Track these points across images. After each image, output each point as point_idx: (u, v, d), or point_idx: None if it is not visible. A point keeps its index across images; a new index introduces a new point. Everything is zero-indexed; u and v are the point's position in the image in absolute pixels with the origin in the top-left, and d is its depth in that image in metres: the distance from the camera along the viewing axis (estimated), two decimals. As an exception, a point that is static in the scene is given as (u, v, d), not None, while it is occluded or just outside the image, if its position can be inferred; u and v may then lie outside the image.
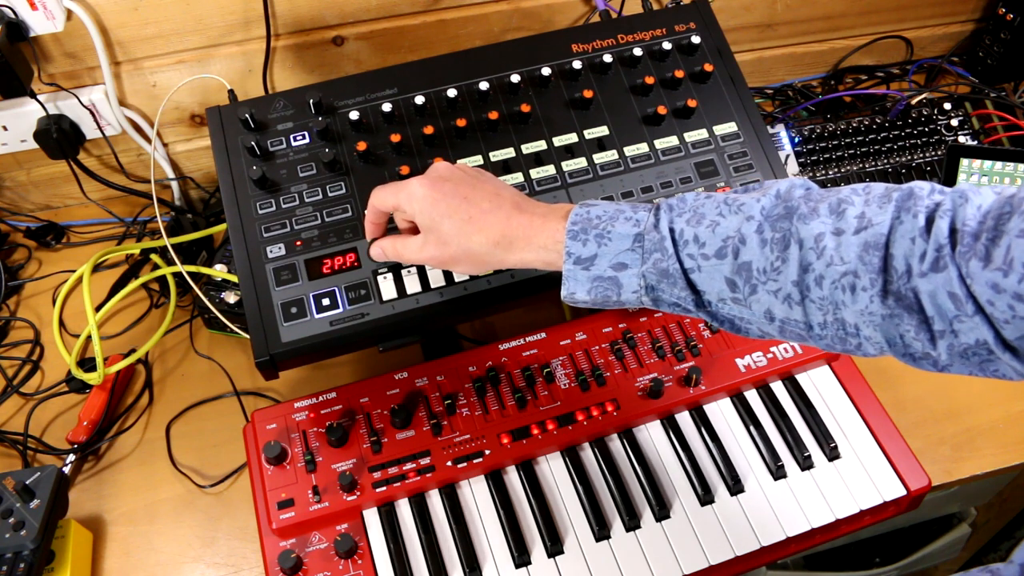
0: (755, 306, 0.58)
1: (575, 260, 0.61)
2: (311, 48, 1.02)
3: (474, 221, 0.65)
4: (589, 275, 0.61)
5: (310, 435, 0.81)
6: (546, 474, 0.82)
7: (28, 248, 1.10)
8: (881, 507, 0.81)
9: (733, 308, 0.59)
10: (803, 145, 1.08)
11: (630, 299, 0.61)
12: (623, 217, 0.61)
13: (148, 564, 0.84)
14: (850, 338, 0.56)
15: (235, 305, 0.95)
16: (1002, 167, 0.98)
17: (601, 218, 0.62)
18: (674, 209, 0.60)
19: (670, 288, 0.60)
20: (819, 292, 0.55)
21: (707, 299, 0.60)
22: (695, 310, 0.60)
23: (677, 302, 0.60)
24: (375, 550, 0.77)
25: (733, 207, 0.59)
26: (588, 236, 0.61)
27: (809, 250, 0.55)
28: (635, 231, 0.60)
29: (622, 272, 0.60)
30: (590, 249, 0.61)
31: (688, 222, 0.59)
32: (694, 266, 0.58)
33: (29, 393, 0.96)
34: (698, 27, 0.91)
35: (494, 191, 0.67)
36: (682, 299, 0.60)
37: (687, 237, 0.59)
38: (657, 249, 0.59)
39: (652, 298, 0.61)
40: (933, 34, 1.27)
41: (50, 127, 0.98)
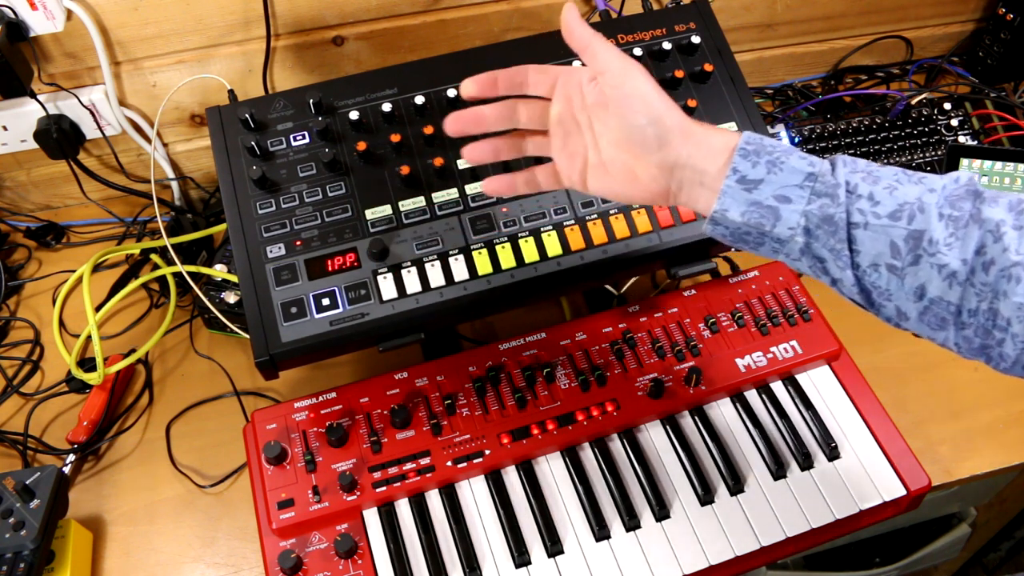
0: (909, 279, 0.57)
1: (739, 178, 0.59)
2: (311, 48, 1.02)
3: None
4: (749, 198, 0.59)
5: (310, 435, 0.81)
6: (546, 474, 0.82)
7: (28, 248, 1.10)
8: (881, 507, 0.81)
9: (883, 276, 0.58)
10: (803, 145, 1.08)
11: (782, 233, 0.59)
12: (798, 155, 0.59)
13: (148, 564, 0.84)
14: (996, 331, 0.55)
15: (235, 305, 0.95)
16: (1002, 167, 0.98)
17: (775, 148, 0.59)
18: (848, 164, 0.59)
19: (827, 237, 0.58)
20: (984, 277, 0.54)
21: (859, 260, 0.58)
22: (841, 268, 0.59)
23: (825, 256, 0.59)
24: (375, 550, 0.77)
25: (913, 178, 0.58)
26: (760, 159, 0.59)
27: (988, 232, 0.54)
28: (809, 169, 0.58)
29: (785, 204, 0.58)
30: (758, 172, 0.59)
31: (863, 179, 0.58)
32: (861, 221, 0.57)
33: (29, 393, 0.96)
34: (698, 27, 0.91)
35: None
36: (834, 252, 0.58)
37: (861, 192, 0.57)
38: (828, 194, 0.58)
39: (804, 241, 0.59)
40: (933, 34, 1.27)
41: (50, 127, 0.98)
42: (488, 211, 0.82)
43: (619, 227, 0.82)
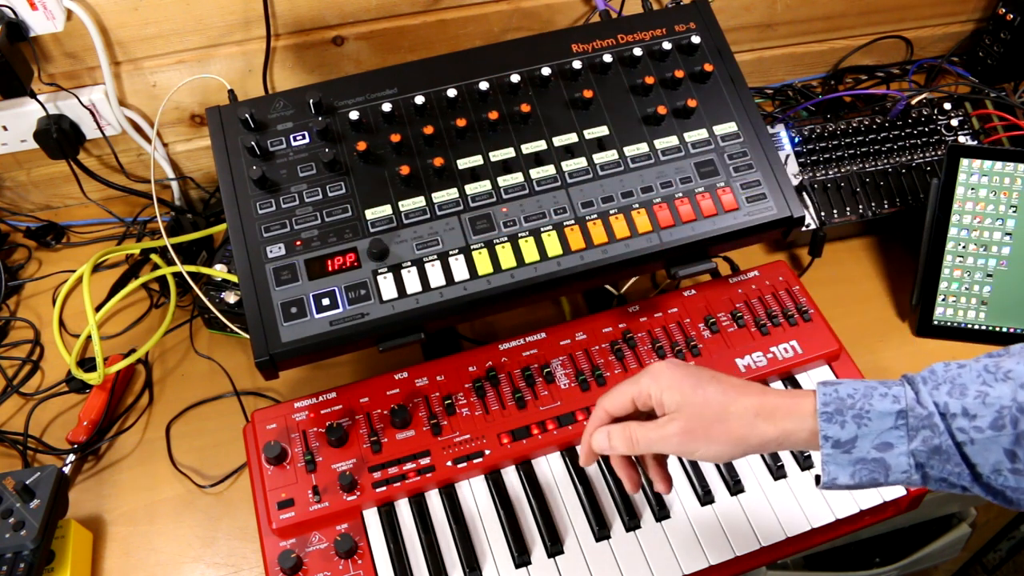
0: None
1: (833, 444, 0.58)
2: (311, 48, 1.02)
3: (729, 392, 0.62)
4: (851, 458, 0.58)
5: (310, 435, 0.81)
6: (546, 474, 0.82)
7: (28, 248, 1.10)
8: (881, 507, 0.81)
9: (1010, 479, 0.56)
10: (803, 145, 1.08)
11: (898, 479, 0.58)
12: (877, 394, 0.58)
13: (148, 564, 0.84)
14: None
15: (235, 305, 0.95)
16: (1002, 167, 0.98)
17: (854, 396, 0.58)
18: (928, 382, 0.57)
19: (941, 464, 0.56)
20: None
21: (980, 471, 0.56)
22: (970, 484, 0.57)
23: (947, 478, 0.57)
24: (375, 550, 0.77)
25: (998, 374, 0.56)
26: (845, 417, 0.58)
27: None
28: (896, 408, 0.57)
29: (887, 452, 0.57)
30: (849, 431, 0.58)
31: (950, 394, 0.56)
32: (966, 439, 0.55)
33: (29, 393, 0.96)
34: (698, 27, 0.91)
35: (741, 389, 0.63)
36: (955, 475, 0.57)
37: (954, 410, 0.55)
38: (925, 426, 0.56)
39: (921, 475, 0.57)
40: (933, 34, 1.27)
41: (50, 127, 0.98)
42: (488, 211, 0.82)
43: (619, 227, 0.82)
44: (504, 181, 0.83)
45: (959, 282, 0.99)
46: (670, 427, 0.62)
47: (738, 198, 0.84)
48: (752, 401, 0.61)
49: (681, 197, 0.84)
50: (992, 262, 0.98)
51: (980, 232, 0.98)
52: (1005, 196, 0.98)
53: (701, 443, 0.62)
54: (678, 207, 0.83)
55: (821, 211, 1.06)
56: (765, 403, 0.61)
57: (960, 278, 0.99)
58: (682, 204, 0.83)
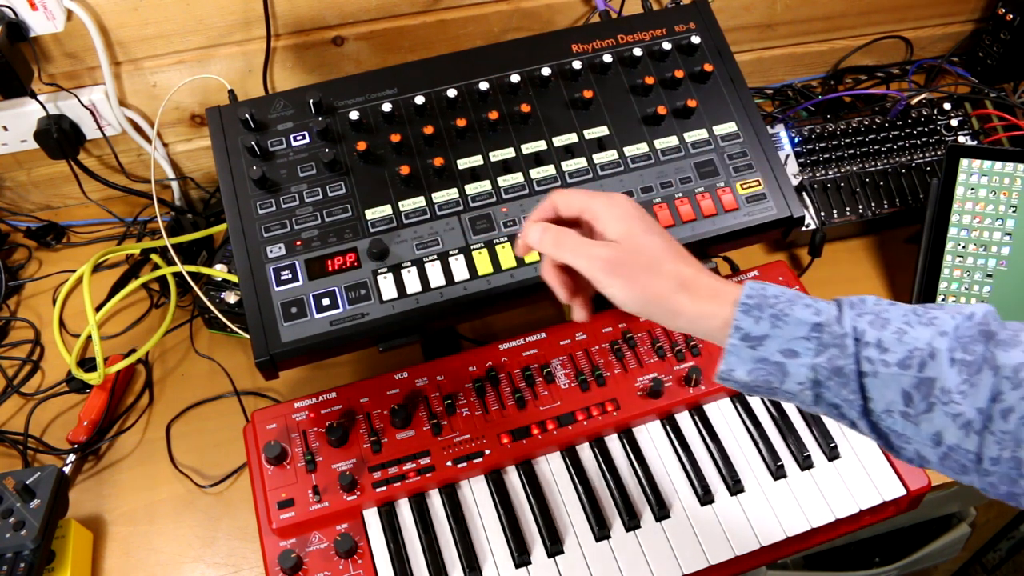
0: (925, 425, 0.54)
1: (743, 336, 0.57)
2: (311, 48, 1.02)
3: (670, 252, 0.61)
4: (755, 355, 0.57)
5: (310, 435, 0.81)
6: (546, 474, 0.82)
7: (28, 248, 1.10)
8: (881, 507, 0.81)
9: (898, 422, 0.55)
10: (803, 145, 1.08)
11: (791, 389, 0.57)
12: (802, 303, 0.57)
13: (148, 564, 0.84)
14: (1022, 480, 0.52)
15: (235, 305, 0.95)
16: (1002, 167, 0.98)
17: (779, 298, 0.58)
18: (855, 307, 0.57)
19: (838, 388, 0.56)
20: (1003, 425, 0.51)
21: (872, 407, 0.56)
22: (856, 416, 0.57)
23: (839, 403, 0.57)
24: (375, 550, 0.77)
25: (924, 318, 0.55)
26: (762, 314, 0.57)
27: (1004, 379, 0.51)
28: (815, 319, 0.56)
29: (792, 360, 0.56)
30: (762, 328, 0.57)
31: (871, 324, 0.56)
32: (871, 371, 0.55)
33: (29, 393, 0.96)
34: (698, 27, 0.91)
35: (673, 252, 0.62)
36: (847, 402, 0.56)
37: (869, 339, 0.55)
38: (836, 344, 0.55)
39: (815, 393, 0.57)
40: (933, 34, 1.27)
41: (50, 127, 0.98)
42: (488, 211, 0.82)
43: (619, 227, 0.82)
44: (504, 181, 0.83)
45: (959, 282, 0.99)
46: (600, 250, 0.61)
47: (738, 198, 0.84)
48: (686, 271, 0.60)
49: (681, 197, 0.84)
50: (992, 262, 0.98)
51: (980, 232, 0.98)
52: (1005, 196, 0.98)
53: (619, 281, 0.61)
54: (678, 207, 0.83)
55: (821, 211, 1.06)
56: (697, 279, 0.60)
57: (960, 278, 0.99)
58: (682, 204, 0.83)
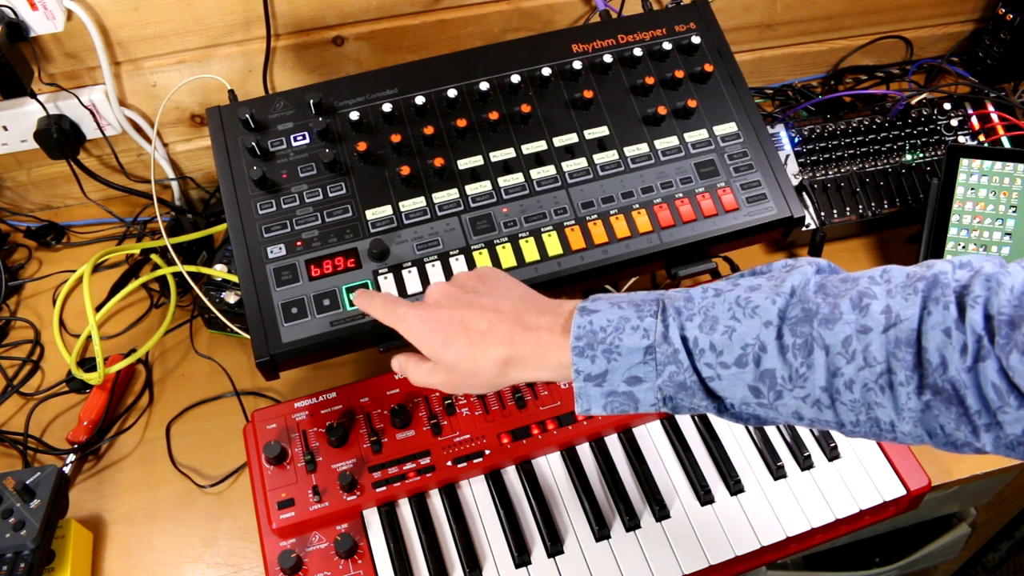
0: (782, 409, 0.55)
1: (585, 377, 0.58)
2: (311, 48, 1.02)
3: (475, 345, 0.62)
4: (602, 391, 0.58)
5: (310, 435, 0.81)
6: (546, 474, 0.82)
7: (28, 248, 1.10)
8: (881, 507, 0.81)
9: (757, 410, 0.57)
10: (803, 145, 1.08)
11: (647, 409, 0.58)
12: (629, 327, 0.57)
13: (148, 564, 0.84)
14: (885, 433, 0.53)
15: (235, 305, 0.95)
16: (1002, 167, 0.98)
17: (606, 330, 0.58)
18: (683, 313, 0.57)
19: (689, 398, 0.57)
20: (850, 395, 0.52)
21: (729, 403, 0.57)
22: (716, 414, 0.58)
23: (696, 407, 0.58)
24: (375, 550, 0.77)
25: (747, 309, 0.55)
26: (596, 352, 0.57)
27: (837, 355, 0.52)
28: (645, 343, 0.56)
29: (636, 387, 0.57)
30: (599, 366, 0.57)
31: (701, 328, 0.56)
32: (713, 375, 0.55)
33: (29, 393, 0.96)
34: (698, 27, 0.91)
35: (493, 306, 0.63)
36: (703, 406, 0.57)
37: (702, 346, 0.55)
38: (671, 362, 0.56)
39: (671, 406, 0.58)
40: (933, 34, 1.27)
41: (50, 127, 0.98)
42: (488, 211, 0.82)
43: (619, 227, 0.82)
44: (504, 181, 0.83)
45: (959, 282, 0.99)
46: (434, 378, 0.66)
47: (738, 198, 0.84)
48: (500, 353, 0.62)
49: (681, 197, 0.84)
50: (992, 262, 0.98)
51: (980, 232, 0.98)
52: (1005, 196, 0.98)
53: (463, 389, 0.66)
54: (678, 207, 0.83)
55: (821, 211, 1.06)
56: (514, 353, 0.61)
57: (960, 278, 0.99)
58: (682, 204, 0.83)
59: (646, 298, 0.59)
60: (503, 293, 0.66)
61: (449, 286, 0.67)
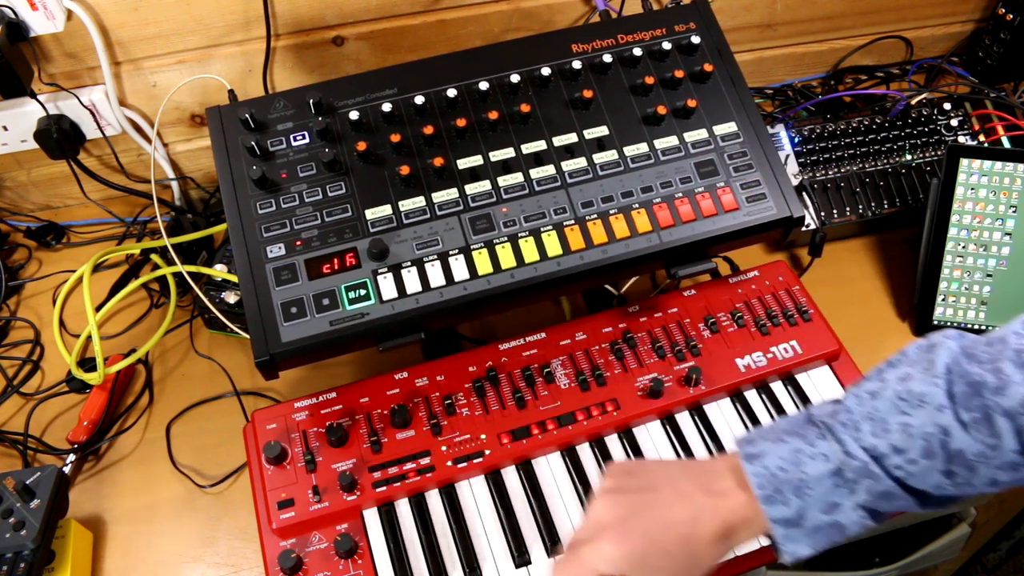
0: (977, 481, 0.56)
1: (784, 523, 0.58)
2: (311, 48, 1.02)
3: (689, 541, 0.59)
4: (805, 531, 0.58)
5: (310, 435, 0.81)
6: (546, 474, 0.82)
7: (28, 248, 1.10)
8: (881, 507, 0.81)
9: (954, 490, 0.57)
10: (803, 145, 1.08)
11: (855, 531, 0.59)
12: (806, 457, 0.58)
13: (148, 564, 0.84)
14: None
15: (235, 305, 0.95)
16: (1002, 167, 0.98)
17: (785, 469, 0.58)
18: (847, 425, 0.58)
19: (890, 502, 0.58)
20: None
21: (927, 494, 0.58)
22: (921, 509, 0.59)
23: (900, 508, 0.58)
24: (375, 550, 0.77)
25: (912, 401, 0.56)
26: (785, 494, 0.58)
27: (1019, 415, 0.53)
28: (830, 467, 0.57)
29: (836, 513, 0.58)
30: (794, 507, 0.57)
31: (875, 434, 0.57)
32: (905, 474, 0.56)
33: (29, 393, 0.96)
34: (698, 27, 0.91)
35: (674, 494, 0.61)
36: (905, 505, 0.58)
37: (884, 451, 0.56)
38: (865, 475, 0.57)
39: (876, 518, 0.59)
40: (933, 34, 1.27)
41: (50, 127, 0.98)
42: (488, 211, 0.82)
43: (619, 227, 0.82)
44: (504, 181, 0.83)
45: (959, 282, 0.99)
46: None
47: (738, 198, 0.84)
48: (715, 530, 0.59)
49: (681, 197, 0.84)
50: (992, 262, 0.98)
51: (980, 232, 0.98)
52: (1005, 196, 0.98)
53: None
54: (678, 207, 0.83)
55: (821, 211, 1.06)
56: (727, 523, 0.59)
57: (960, 278, 0.99)
58: (682, 204, 0.83)
59: (798, 424, 0.60)
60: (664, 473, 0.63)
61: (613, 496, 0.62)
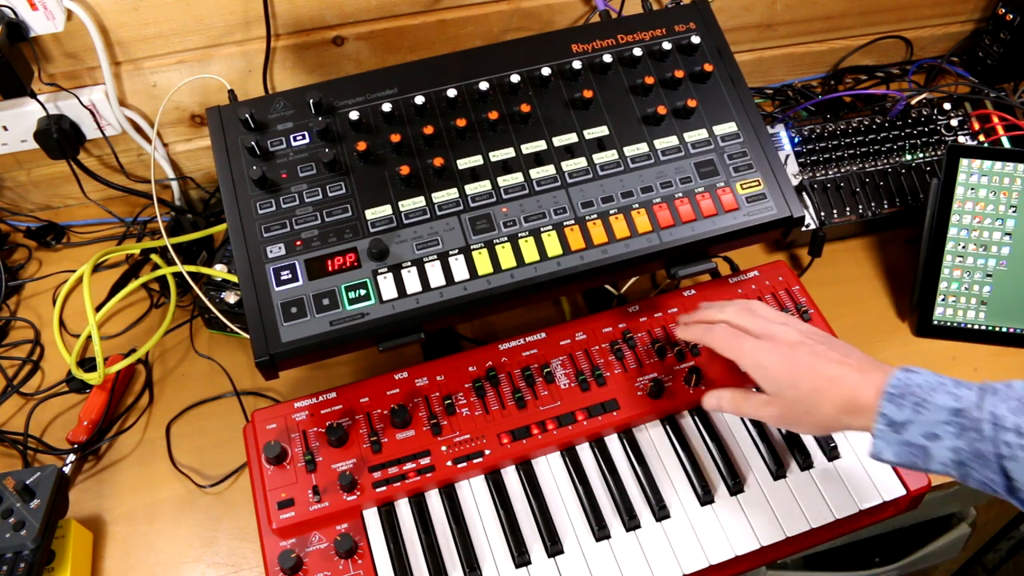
0: None
1: (888, 422, 0.63)
2: (311, 48, 1.02)
3: (823, 390, 0.67)
4: (899, 439, 0.63)
5: (310, 435, 0.81)
6: (545, 474, 0.82)
7: (28, 248, 1.10)
8: (881, 507, 0.81)
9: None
10: (803, 145, 1.08)
11: (936, 469, 0.62)
12: (944, 390, 0.62)
13: (148, 564, 0.84)
14: None
15: (235, 305, 0.95)
16: (1002, 167, 0.98)
17: (922, 387, 0.63)
18: (999, 393, 0.60)
19: (981, 469, 0.60)
20: None
21: (1018, 486, 0.59)
22: (1005, 494, 0.60)
23: (986, 482, 0.60)
24: (375, 550, 0.77)
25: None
26: (905, 402, 0.63)
27: None
28: (954, 405, 0.61)
29: (933, 442, 0.61)
30: (905, 414, 0.62)
31: (1012, 410, 0.59)
32: (1010, 454, 0.58)
33: (29, 393, 0.96)
34: (698, 27, 0.91)
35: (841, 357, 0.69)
36: (991, 481, 0.60)
37: (1008, 424, 0.58)
38: (975, 428, 0.59)
39: (960, 473, 0.61)
40: (933, 34, 1.27)
41: (50, 127, 0.98)
42: (488, 211, 0.82)
43: (619, 227, 0.82)
44: (504, 181, 0.83)
45: (959, 282, 0.99)
46: (768, 410, 0.72)
47: (738, 198, 0.84)
48: (841, 398, 0.67)
49: (681, 197, 0.84)
50: (992, 262, 0.98)
51: (980, 232, 0.98)
52: (1005, 196, 0.98)
53: (793, 426, 0.73)
54: (678, 207, 0.83)
55: (821, 211, 1.06)
56: (853, 401, 0.66)
57: (960, 278, 0.99)
58: (682, 204, 0.83)
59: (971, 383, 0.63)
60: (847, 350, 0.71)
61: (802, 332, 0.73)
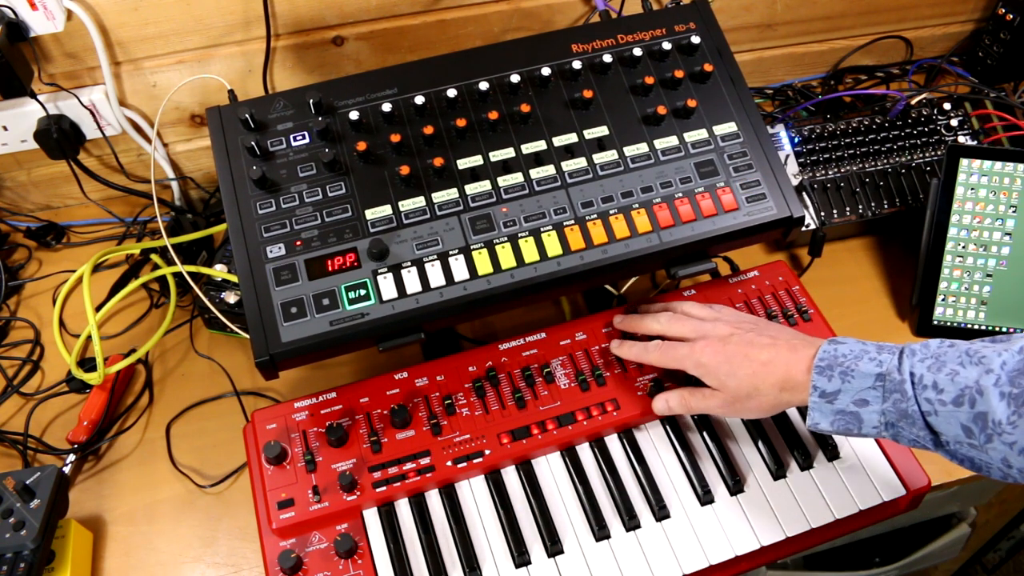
0: (992, 453, 0.61)
1: (820, 394, 0.67)
2: (311, 48, 1.02)
3: (759, 373, 0.72)
4: (832, 408, 0.67)
5: (310, 435, 0.81)
6: (545, 474, 0.82)
7: (28, 248, 1.10)
8: (881, 507, 0.81)
9: (969, 451, 0.62)
10: (803, 145, 1.08)
11: (870, 432, 0.66)
12: (867, 357, 0.66)
13: (148, 564, 0.84)
14: None
15: (235, 305, 0.95)
16: (1002, 167, 0.98)
17: (847, 356, 0.67)
18: (916, 354, 0.65)
19: (909, 427, 0.64)
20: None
21: (944, 439, 0.63)
22: (934, 448, 0.64)
23: (915, 440, 0.65)
24: (375, 550, 0.77)
25: (974, 358, 0.62)
26: (833, 372, 0.67)
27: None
28: (877, 371, 0.65)
29: (863, 408, 0.66)
30: (834, 384, 0.67)
31: (929, 368, 0.63)
32: (931, 410, 0.62)
33: (29, 393, 0.96)
34: (698, 27, 0.91)
35: (771, 340, 0.74)
36: (920, 438, 0.64)
37: (926, 382, 0.62)
38: (897, 390, 0.64)
39: (892, 434, 0.66)
40: (933, 34, 1.27)
41: (50, 127, 0.98)
42: (488, 211, 0.82)
43: (619, 227, 0.82)
44: (504, 181, 0.83)
45: (959, 282, 0.99)
46: (713, 401, 0.76)
47: (738, 198, 0.84)
48: (777, 378, 0.71)
49: (681, 197, 0.84)
50: (992, 262, 0.98)
51: (980, 232, 0.98)
52: (1005, 196, 0.98)
53: (740, 413, 0.76)
54: (678, 207, 0.83)
55: (821, 211, 1.06)
56: (788, 379, 0.71)
57: (960, 278, 0.99)
58: (682, 204, 0.83)
59: (892, 345, 0.67)
60: (776, 331, 0.76)
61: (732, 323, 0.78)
